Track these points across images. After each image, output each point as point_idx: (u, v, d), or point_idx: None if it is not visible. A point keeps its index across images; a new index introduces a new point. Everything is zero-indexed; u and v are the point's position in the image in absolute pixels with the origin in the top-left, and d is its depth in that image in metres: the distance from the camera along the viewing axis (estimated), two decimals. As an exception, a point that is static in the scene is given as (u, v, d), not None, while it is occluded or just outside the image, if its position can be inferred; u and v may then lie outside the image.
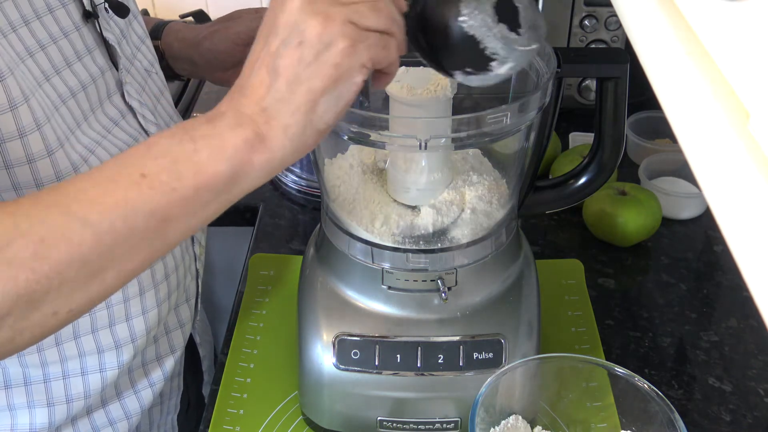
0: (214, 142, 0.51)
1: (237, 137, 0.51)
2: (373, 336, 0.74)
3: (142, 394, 0.81)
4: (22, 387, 0.72)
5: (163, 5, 1.61)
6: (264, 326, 0.93)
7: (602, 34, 1.24)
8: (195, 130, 0.52)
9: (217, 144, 0.51)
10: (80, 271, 0.48)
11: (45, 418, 0.74)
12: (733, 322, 0.93)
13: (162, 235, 0.51)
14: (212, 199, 0.52)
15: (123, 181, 0.49)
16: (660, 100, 0.43)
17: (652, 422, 0.69)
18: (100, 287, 0.50)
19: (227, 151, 0.51)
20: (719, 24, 0.35)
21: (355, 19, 0.51)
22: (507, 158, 0.78)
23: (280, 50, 0.51)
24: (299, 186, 1.15)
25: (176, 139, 0.51)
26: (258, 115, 0.52)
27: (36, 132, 0.62)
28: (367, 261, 0.74)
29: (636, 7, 0.50)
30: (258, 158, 0.52)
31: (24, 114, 0.60)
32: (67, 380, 0.74)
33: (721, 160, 0.33)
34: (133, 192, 0.49)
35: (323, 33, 0.51)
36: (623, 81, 0.72)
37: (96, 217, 0.48)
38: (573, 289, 0.97)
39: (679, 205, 1.08)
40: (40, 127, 0.62)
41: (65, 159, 0.65)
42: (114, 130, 0.72)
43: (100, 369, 0.75)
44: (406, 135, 0.64)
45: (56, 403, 0.74)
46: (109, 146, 0.71)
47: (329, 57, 0.51)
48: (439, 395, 0.75)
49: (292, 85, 0.51)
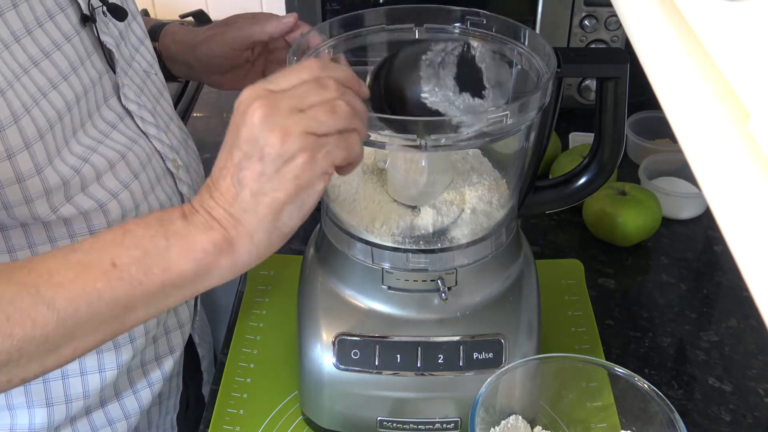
0: (186, 242, 0.53)
1: (207, 240, 0.53)
2: (373, 336, 0.74)
3: (141, 395, 0.81)
4: (21, 387, 0.72)
5: (163, 5, 1.61)
6: (264, 326, 0.93)
7: (602, 34, 1.24)
8: (171, 224, 0.54)
9: (188, 244, 0.53)
10: (40, 347, 0.51)
11: (44, 418, 0.74)
12: (733, 322, 0.93)
13: (121, 321, 0.54)
14: (174, 294, 0.54)
15: (94, 268, 0.52)
16: (660, 100, 0.43)
17: (652, 422, 0.69)
18: (56, 360, 0.53)
19: (196, 252, 0.53)
20: (719, 24, 0.35)
21: (313, 128, 0.53)
22: (507, 158, 0.78)
23: (243, 163, 0.53)
24: (299, 186, 1.15)
25: (151, 232, 0.53)
26: (226, 220, 0.54)
27: (25, 151, 0.61)
28: (367, 261, 0.74)
29: (636, 7, 0.50)
30: (224, 261, 0.54)
31: (12, 135, 0.60)
32: (66, 380, 0.74)
33: (721, 160, 0.33)
34: (101, 281, 0.51)
35: (282, 148, 0.52)
36: (623, 81, 0.72)
37: (63, 303, 0.51)
38: (573, 289, 0.97)
39: (679, 205, 1.08)
40: (29, 146, 0.62)
41: (54, 175, 0.64)
42: (112, 134, 0.72)
43: (99, 369, 0.75)
44: (406, 135, 0.64)
45: (55, 403, 0.74)
46: (105, 151, 0.70)
47: (289, 171, 0.53)
48: (439, 395, 0.75)
49: (256, 196, 0.53)
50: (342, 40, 0.77)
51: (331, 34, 0.76)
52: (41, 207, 0.65)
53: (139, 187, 0.73)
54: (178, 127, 0.85)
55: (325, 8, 1.21)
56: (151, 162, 0.76)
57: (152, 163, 0.76)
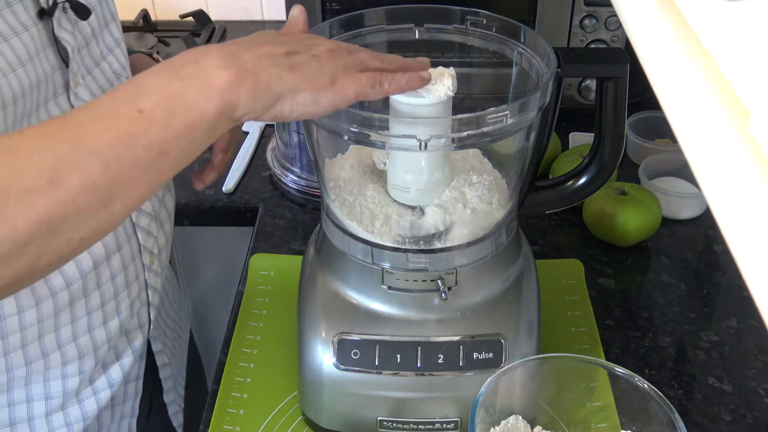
0: (201, 81, 0.55)
1: (223, 78, 0.55)
2: (373, 336, 0.74)
3: (86, 403, 0.80)
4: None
5: (163, 5, 1.61)
6: (264, 326, 0.93)
7: (602, 34, 1.24)
8: (181, 70, 0.55)
9: (204, 83, 0.55)
10: (92, 198, 0.51)
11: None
12: (733, 322, 0.93)
13: (159, 168, 0.54)
14: (202, 135, 0.55)
15: (122, 117, 0.52)
16: (660, 100, 0.43)
17: (652, 422, 0.69)
18: (109, 216, 0.52)
19: (214, 90, 0.55)
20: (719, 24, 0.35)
21: (362, 62, 0.63)
22: (507, 158, 0.78)
23: (298, 51, 0.60)
24: (299, 186, 1.15)
25: (164, 79, 0.54)
26: (250, 64, 0.57)
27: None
28: (367, 261, 0.74)
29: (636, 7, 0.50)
30: (244, 97, 0.56)
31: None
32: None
33: (721, 160, 0.33)
34: (133, 126, 0.52)
35: (335, 58, 0.61)
36: (623, 81, 0.72)
37: (102, 148, 0.51)
38: (573, 289, 0.97)
39: (679, 205, 1.08)
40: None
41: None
42: None
43: (63, 376, 0.75)
44: (406, 135, 0.65)
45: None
46: None
47: (331, 69, 0.60)
48: (439, 395, 0.75)
49: (293, 70, 0.59)
50: (342, 40, 0.77)
51: (331, 34, 0.76)
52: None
53: None
54: None
55: (325, 8, 1.21)
56: None
57: None
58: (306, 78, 0.59)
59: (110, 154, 0.51)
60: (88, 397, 0.80)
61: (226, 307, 1.01)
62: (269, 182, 1.19)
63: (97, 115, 0.52)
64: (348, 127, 0.65)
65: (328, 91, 0.60)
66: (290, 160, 1.17)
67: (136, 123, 0.52)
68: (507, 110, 0.64)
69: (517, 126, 0.67)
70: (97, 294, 0.75)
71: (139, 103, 0.53)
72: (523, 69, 0.75)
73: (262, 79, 0.57)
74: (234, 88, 0.55)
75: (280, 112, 0.59)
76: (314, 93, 0.59)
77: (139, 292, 0.81)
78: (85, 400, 0.79)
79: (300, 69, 0.59)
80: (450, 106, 0.69)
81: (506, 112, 0.64)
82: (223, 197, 1.17)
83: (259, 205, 1.14)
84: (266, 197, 1.16)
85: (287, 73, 0.58)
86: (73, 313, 0.73)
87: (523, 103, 0.65)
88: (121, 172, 0.51)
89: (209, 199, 1.16)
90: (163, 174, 0.55)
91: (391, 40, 0.79)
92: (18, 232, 0.48)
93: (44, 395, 0.76)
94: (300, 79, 0.59)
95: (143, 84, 0.54)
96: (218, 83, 0.55)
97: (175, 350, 0.99)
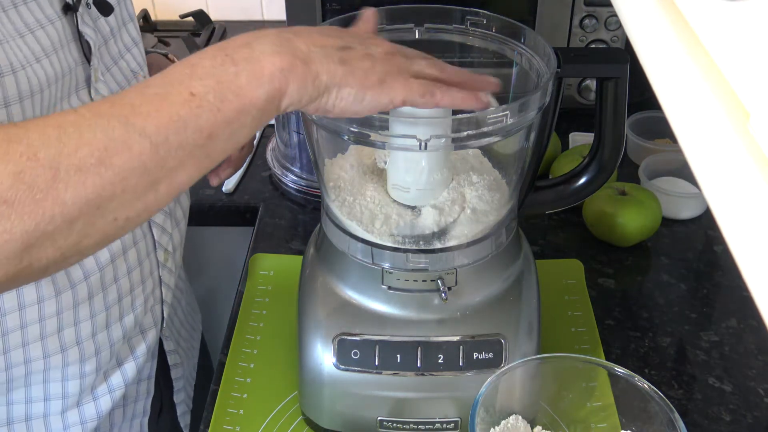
0: (253, 66, 0.55)
1: (274, 64, 0.55)
2: (373, 336, 0.74)
3: (101, 401, 0.80)
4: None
5: (163, 5, 1.61)
6: (264, 326, 0.93)
7: (602, 34, 1.24)
8: (235, 53, 0.55)
9: (256, 69, 0.55)
10: (140, 179, 0.51)
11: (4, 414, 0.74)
12: (733, 322, 0.93)
13: (207, 151, 0.54)
14: (251, 121, 0.55)
15: (174, 99, 0.52)
16: (660, 100, 0.43)
17: (652, 422, 0.69)
18: (155, 197, 0.53)
19: (264, 77, 0.55)
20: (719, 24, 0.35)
21: (413, 70, 0.62)
22: (507, 158, 0.78)
23: (356, 46, 0.60)
24: (299, 186, 1.15)
25: (218, 61, 0.55)
26: (302, 52, 0.57)
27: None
28: (367, 261, 0.74)
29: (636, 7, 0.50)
30: (293, 86, 0.56)
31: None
32: (28, 388, 0.74)
33: (721, 160, 0.33)
34: (184, 109, 0.52)
35: (391, 55, 0.61)
36: (623, 81, 0.72)
37: (153, 130, 0.51)
38: (573, 289, 0.97)
39: (679, 205, 1.08)
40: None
41: None
42: None
43: (63, 378, 0.75)
44: (406, 135, 0.65)
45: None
46: None
47: (379, 70, 0.59)
48: (439, 395, 0.75)
49: (344, 64, 0.58)
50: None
51: (331, 34, 0.76)
52: None
53: None
54: None
55: (325, 8, 1.21)
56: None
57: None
58: (355, 73, 0.58)
59: (160, 136, 0.51)
60: (103, 395, 0.80)
61: (226, 307, 1.01)
62: (269, 182, 1.19)
63: (149, 96, 0.52)
64: (348, 127, 0.66)
65: (375, 90, 0.59)
66: (290, 160, 1.17)
67: (188, 106, 0.52)
68: (507, 110, 0.64)
69: (517, 126, 0.67)
70: (114, 288, 0.75)
71: (192, 86, 0.53)
72: (523, 69, 0.75)
73: (312, 69, 0.57)
74: (285, 75, 0.55)
75: (324, 104, 0.59)
76: (360, 90, 0.58)
77: (153, 289, 0.82)
78: (99, 398, 0.80)
79: (350, 64, 0.58)
80: (450, 106, 0.69)
81: (506, 112, 0.64)
82: (223, 197, 1.17)
83: (259, 205, 1.14)
84: (266, 197, 1.16)
85: (337, 65, 0.58)
86: (92, 307, 0.74)
87: (523, 103, 0.65)
88: (169, 154, 0.51)
89: (209, 199, 1.16)
90: (210, 158, 0.55)
91: (391, 40, 0.79)
92: (66, 208, 0.48)
93: (61, 394, 0.76)
94: (348, 74, 0.58)
95: (197, 65, 0.54)
96: (269, 69, 0.55)
97: (188, 351, 1.00)
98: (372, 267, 0.74)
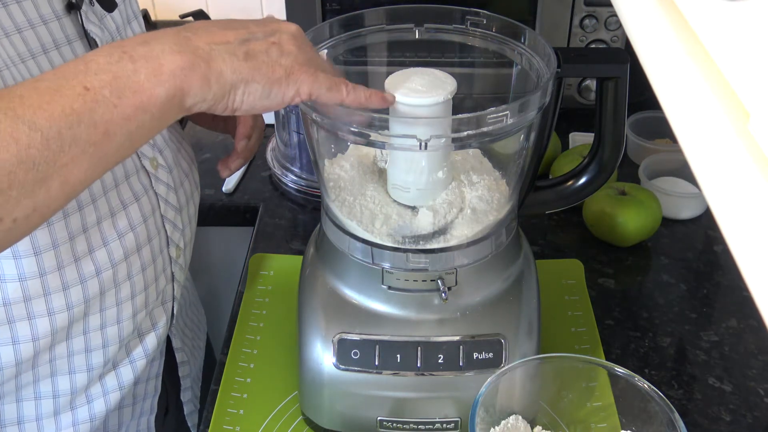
0: (153, 64, 0.54)
1: (174, 63, 0.54)
2: (373, 336, 0.74)
3: (110, 397, 0.80)
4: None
5: (163, 5, 1.61)
6: (264, 326, 0.93)
7: (602, 34, 1.24)
8: (133, 51, 0.54)
9: (155, 66, 0.54)
10: (28, 174, 0.49)
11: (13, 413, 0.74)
12: (733, 322, 0.93)
13: (103, 150, 0.52)
14: (150, 120, 0.54)
15: (67, 93, 0.51)
16: (660, 100, 0.43)
17: (652, 422, 0.69)
18: (46, 196, 0.51)
19: (164, 74, 0.54)
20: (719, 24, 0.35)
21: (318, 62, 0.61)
22: (507, 158, 0.78)
23: (256, 36, 0.58)
24: (299, 186, 1.15)
25: (114, 58, 0.53)
26: (202, 51, 0.56)
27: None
28: (367, 261, 0.74)
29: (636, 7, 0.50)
30: (195, 84, 0.55)
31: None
32: (36, 384, 0.74)
33: (721, 160, 0.33)
34: (78, 103, 0.51)
35: (297, 52, 0.59)
36: (623, 81, 0.72)
37: (44, 123, 0.49)
38: (573, 289, 0.97)
39: (679, 205, 1.08)
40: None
41: None
42: None
43: (70, 371, 0.75)
44: (406, 135, 0.65)
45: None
46: None
47: (285, 65, 0.58)
48: (439, 395, 0.75)
49: (248, 59, 0.57)
50: (342, 40, 0.77)
51: (331, 34, 0.76)
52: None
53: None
54: (167, 128, 0.84)
55: (325, 8, 1.21)
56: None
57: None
58: (260, 69, 0.57)
59: (51, 129, 0.49)
60: (113, 391, 0.80)
61: (227, 307, 1.01)
62: (269, 182, 1.19)
63: (41, 89, 0.51)
64: (348, 127, 0.65)
65: (281, 83, 0.58)
66: (290, 160, 1.17)
67: (82, 100, 0.51)
68: (507, 110, 0.64)
69: (517, 126, 0.67)
70: (128, 285, 0.75)
71: (87, 81, 0.51)
72: (523, 69, 0.75)
73: (214, 68, 0.56)
74: (186, 74, 0.54)
75: (233, 103, 0.58)
76: (267, 85, 0.58)
77: (165, 285, 0.82)
78: (109, 393, 0.80)
79: (256, 58, 0.57)
80: (450, 106, 0.69)
81: (506, 112, 0.64)
82: (223, 197, 1.17)
83: (259, 205, 1.14)
84: (266, 197, 1.16)
85: (241, 62, 0.57)
86: (103, 302, 0.73)
87: (523, 103, 0.65)
88: (62, 149, 0.50)
89: (209, 199, 1.16)
90: (107, 157, 0.53)
91: (391, 40, 0.79)
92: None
93: (69, 390, 0.76)
94: (254, 69, 0.57)
95: (92, 61, 0.53)
96: (169, 67, 0.54)
97: (194, 350, 1.00)
98: (372, 267, 0.74)
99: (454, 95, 0.69)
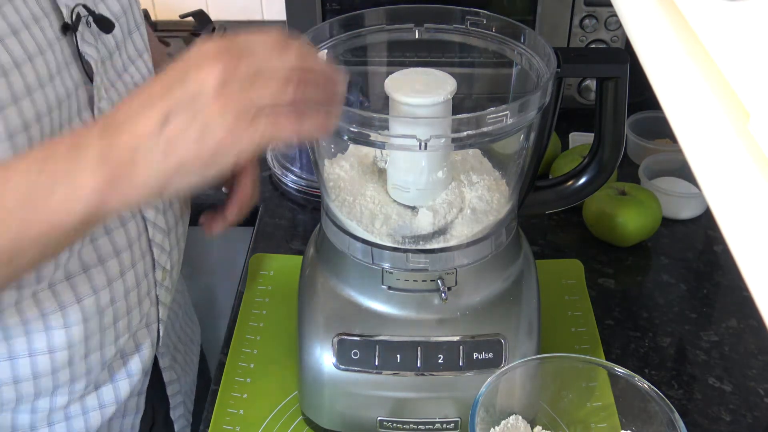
0: (72, 184, 0.52)
1: (90, 185, 0.51)
2: (373, 336, 0.74)
3: (91, 415, 0.79)
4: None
5: (163, 5, 1.61)
6: (264, 326, 0.93)
7: (602, 34, 1.24)
8: (55, 163, 0.52)
9: (74, 188, 0.52)
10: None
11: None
12: (733, 322, 0.93)
13: (12, 268, 0.53)
14: (65, 236, 0.54)
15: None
16: (660, 100, 0.43)
17: (652, 422, 0.69)
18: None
19: (81, 198, 0.52)
20: (719, 24, 0.35)
21: (259, 102, 0.51)
22: (507, 158, 0.78)
23: (176, 111, 0.51)
24: (299, 186, 1.15)
25: (33, 172, 0.52)
26: (125, 156, 0.51)
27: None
28: (367, 261, 0.74)
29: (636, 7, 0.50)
30: (113, 202, 0.52)
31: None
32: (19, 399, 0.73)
33: (721, 160, 0.33)
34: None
35: (221, 118, 0.50)
36: (623, 81, 0.72)
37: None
38: (573, 289, 0.97)
39: (679, 205, 1.08)
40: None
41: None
42: None
43: (53, 393, 0.74)
44: (406, 135, 0.65)
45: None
46: None
47: (213, 139, 0.51)
48: (439, 395, 0.75)
49: (170, 146, 0.51)
50: (342, 40, 0.77)
51: (331, 34, 0.76)
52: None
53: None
54: None
55: (325, 8, 1.21)
56: None
57: None
58: (185, 156, 0.51)
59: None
60: (93, 410, 0.79)
61: (227, 307, 1.01)
62: (269, 182, 1.19)
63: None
64: (348, 127, 0.65)
65: (216, 162, 0.52)
66: (290, 160, 1.17)
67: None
68: (507, 110, 0.64)
69: (517, 126, 0.67)
70: (111, 311, 0.74)
71: (3, 196, 0.51)
72: (523, 69, 0.75)
73: (136, 180, 0.52)
74: (104, 194, 0.52)
75: (170, 194, 0.54)
76: (201, 168, 0.52)
77: (150, 308, 0.81)
78: (89, 412, 0.78)
79: (177, 149, 0.51)
80: (450, 106, 0.69)
81: (506, 112, 0.64)
82: (223, 197, 1.16)
83: (260, 205, 1.14)
84: (266, 197, 1.16)
85: (163, 159, 0.51)
86: (87, 328, 0.72)
87: (523, 103, 0.65)
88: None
89: (209, 199, 1.16)
90: (18, 271, 0.54)
91: (391, 40, 0.79)
92: None
93: (49, 407, 0.75)
94: (179, 163, 0.51)
95: (14, 171, 0.53)
96: (84, 191, 0.51)
97: (185, 366, 0.98)
98: (372, 267, 0.74)
99: (454, 95, 0.69)
